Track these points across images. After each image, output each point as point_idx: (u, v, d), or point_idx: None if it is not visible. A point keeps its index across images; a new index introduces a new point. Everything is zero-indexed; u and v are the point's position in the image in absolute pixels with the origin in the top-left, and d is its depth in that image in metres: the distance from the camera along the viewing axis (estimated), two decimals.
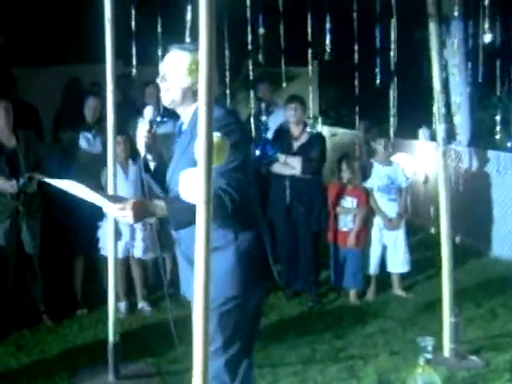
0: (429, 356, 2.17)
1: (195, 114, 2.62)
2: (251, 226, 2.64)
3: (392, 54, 5.86)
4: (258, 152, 5.15)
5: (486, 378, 3.80)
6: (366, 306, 5.17)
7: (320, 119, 9.46)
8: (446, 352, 4.06)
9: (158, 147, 2.88)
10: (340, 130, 10.58)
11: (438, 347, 4.00)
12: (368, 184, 5.40)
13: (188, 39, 4.46)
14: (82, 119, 5.14)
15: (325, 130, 8.78)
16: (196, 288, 1.96)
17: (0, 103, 4.57)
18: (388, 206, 5.38)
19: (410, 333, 4.52)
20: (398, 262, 5.40)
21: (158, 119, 2.78)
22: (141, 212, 2.47)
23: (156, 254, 4.77)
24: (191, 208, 2.43)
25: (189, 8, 4.44)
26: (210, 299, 2.21)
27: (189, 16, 4.36)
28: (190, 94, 2.64)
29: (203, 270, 1.95)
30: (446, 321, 4.08)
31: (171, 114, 3.57)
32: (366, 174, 5.48)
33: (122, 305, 5.01)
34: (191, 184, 2.25)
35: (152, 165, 2.89)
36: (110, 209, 2.51)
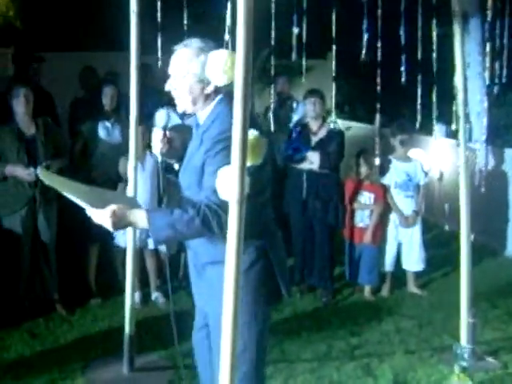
0: (464, 364, 2.13)
1: (209, 117, 2.58)
2: (257, 238, 2.53)
3: (409, 49, 5.79)
4: (288, 151, 5.12)
5: (504, 380, 3.77)
6: (381, 303, 5.14)
7: (334, 113, 9.37)
8: None
9: (177, 149, 2.83)
10: (354, 124, 10.50)
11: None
12: (385, 180, 5.35)
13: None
14: (100, 108, 5.10)
15: (339, 124, 8.70)
16: (226, 292, 1.96)
17: (20, 91, 4.55)
18: (405, 202, 5.33)
19: (426, 332, 4.51)
20: (414, 260, 5.36)
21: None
22: (120, 221, 2.45)
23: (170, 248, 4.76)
24: (173, 225, 2.39)
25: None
26: (218, 312, 2.17)
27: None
28: (202, 98, 2.57)
29: (233, 274, 1.94)
30: (464, 321, 4.04)
31: None
32: (383, 169, 5.44)
33: (136, 295, 4.98)
34: (228, 182, 2.20)
35: (176, 166, 2.86)
36: (91, 213, 2.48)
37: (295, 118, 5.80)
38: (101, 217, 2.44)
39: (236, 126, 1.87)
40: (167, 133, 2.83)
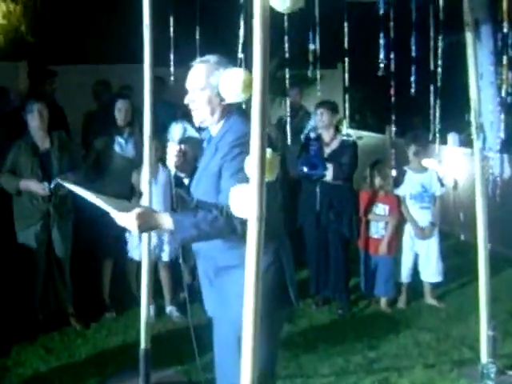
0: (491, 383, 2.08)
1: (222, 128, 2.61)
2: (271, 242, 2.47)
3: (421, 58, 5.76)
4: (305, 169, 5.08)
5: None
6: (398, 315, 5.08)
7: (345, 122, 9.33)
8: None
9: (190, 164, 2.84)
10: (365, 134, 10.46)
11: (475, 361, 3.93)
12: (400, 191, 5.30)
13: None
14: (113, 123, 5.10)
15: (352, 135, 8.66)
16: (245, 303, 1.92)
17: (34, 105, 4.56)
18: (420, 214, 5.27)
19: (445, 345, 4.45)
20: (431, 272, 5.29)
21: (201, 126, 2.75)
22: (145, 223, 2.48)
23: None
24: (198, 225, 2.43)
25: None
26: (231, 320, 2.10)
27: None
28: (220, 109, 2.60)
29: (253, 287, 1.91)
30: (484, 334, 3.97)
31: None
32: (397, 180, 5.39)
33: (151, 308, 4.95)
34: (243, 200, 2.18)
35: (186, 180, 2.86)
36: (117, 216, 2.50)
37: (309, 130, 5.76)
38: (126, 220, 2.46)
39: (254, 144, 1.86)
40: (182, 146, 2.84)
